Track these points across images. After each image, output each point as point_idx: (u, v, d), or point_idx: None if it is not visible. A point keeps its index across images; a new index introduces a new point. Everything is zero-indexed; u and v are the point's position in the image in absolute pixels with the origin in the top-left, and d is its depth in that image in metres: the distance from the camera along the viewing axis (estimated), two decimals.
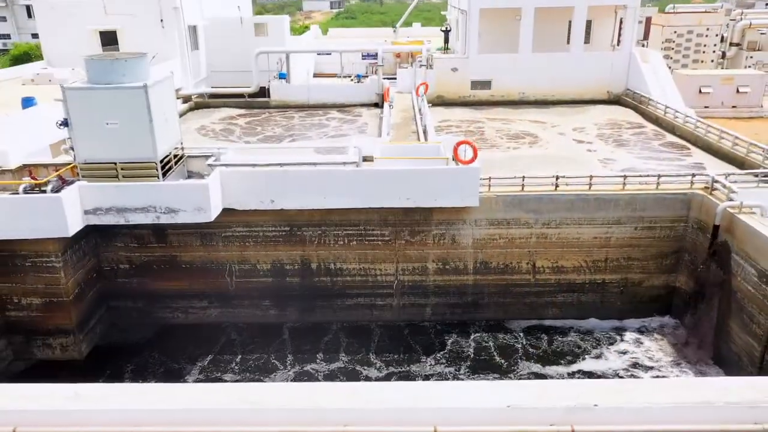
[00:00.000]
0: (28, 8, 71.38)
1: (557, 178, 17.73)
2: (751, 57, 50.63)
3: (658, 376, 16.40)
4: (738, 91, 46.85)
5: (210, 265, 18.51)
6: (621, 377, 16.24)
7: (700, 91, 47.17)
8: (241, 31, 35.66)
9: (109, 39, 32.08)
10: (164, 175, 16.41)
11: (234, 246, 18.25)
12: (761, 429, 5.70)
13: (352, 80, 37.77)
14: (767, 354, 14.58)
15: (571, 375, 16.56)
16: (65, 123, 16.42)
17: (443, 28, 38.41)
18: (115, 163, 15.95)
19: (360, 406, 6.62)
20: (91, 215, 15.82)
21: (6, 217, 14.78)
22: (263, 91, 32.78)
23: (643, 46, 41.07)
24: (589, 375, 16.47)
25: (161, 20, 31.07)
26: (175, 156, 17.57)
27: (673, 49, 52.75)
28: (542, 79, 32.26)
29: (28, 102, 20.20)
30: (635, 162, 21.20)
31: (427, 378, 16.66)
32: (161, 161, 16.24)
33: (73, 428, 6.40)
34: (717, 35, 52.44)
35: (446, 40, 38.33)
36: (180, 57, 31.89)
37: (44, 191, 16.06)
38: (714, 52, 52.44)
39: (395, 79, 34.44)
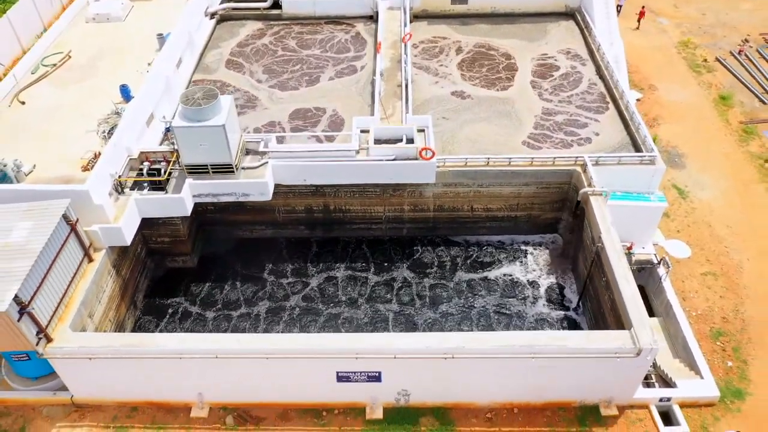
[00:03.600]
0: None
1: (488, 159, 27.34)
2: None
3: (534, 281, 28.27)
4: None
5: (266, 206, 28.98)
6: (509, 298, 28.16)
7: None
8: None
9: None
10: (236, 167, 26.07)
11: (280, 197, 28.50)
12: (532, 356, 18.40)
13: None
14: (588, 278, 26.08)
15: (485, 279, 28.38)
16: (168, 129, 25.82)
17: None
18: (207, 166, 25.57)
19: (364, 346, 21.22)
20: (196, 198, 25.99)
21: (156, 207, 25.05)
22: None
23: None
24: (494, 281, 28.28)
25: None
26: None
27: None
28: None
29: (125, 91, 28.59)
30: (559, 118, 30.20)
31: (405, 279, 28.57)
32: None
33: (243, 356, 20.49)
34: None
35: None
36: None
37: (159, 169, 25.97)
38: None
39: None
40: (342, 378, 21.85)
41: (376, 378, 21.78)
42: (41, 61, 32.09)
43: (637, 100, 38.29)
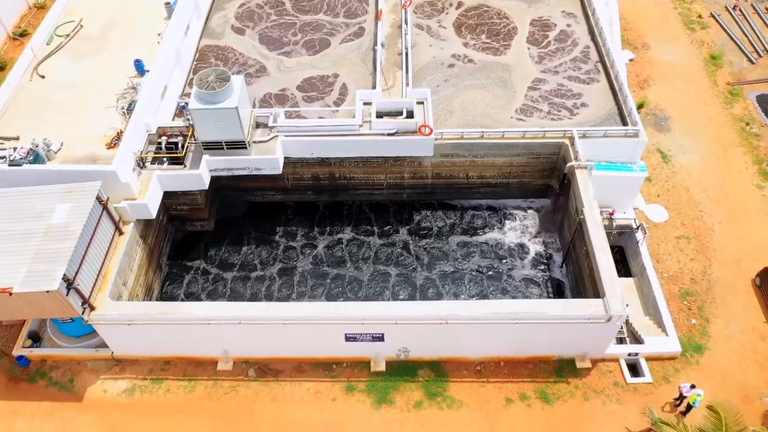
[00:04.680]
0: None
1: (483, 132, 29.29)
2: None
3: (523, 244, 30.94)
4: None
5: (276, 175, 31.13)
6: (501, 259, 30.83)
7: None
8: None
9: None
10: (248, 143, 28.06)
11: (289, 166, 30.60)
12: (515, 322, 21.39)
13: None
14: (572, 244, 28.71)
15: (479, 241, 31.02)
16: (185, 107, 27.74)
17: None
18: (222, 142, 27.58)
19: (368, 314, 24.70)
20: (213, 172, 28.18)
21: (176, 182, 27.30)
22: None
23: None
24: (486, 243, 30.92)
25: None
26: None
27: None
28: None
29: (139, 66, 30.06)
30: (551, 87, 31.82)
31: (405, 241, 31.23)
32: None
33: (263, 323, 23.69)
34: None
35: None
36: None
37: (176, 143, 28.06)
38: None
39: None
40: (350, 338, 24.94)
41: (379, 338, 24.87)
42: (54, 30, 33.17)
43: (630, 60, 39.60)
